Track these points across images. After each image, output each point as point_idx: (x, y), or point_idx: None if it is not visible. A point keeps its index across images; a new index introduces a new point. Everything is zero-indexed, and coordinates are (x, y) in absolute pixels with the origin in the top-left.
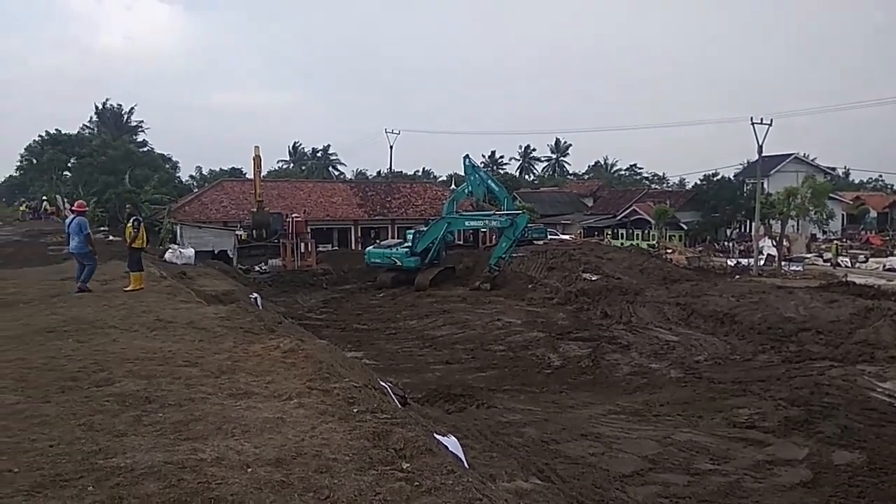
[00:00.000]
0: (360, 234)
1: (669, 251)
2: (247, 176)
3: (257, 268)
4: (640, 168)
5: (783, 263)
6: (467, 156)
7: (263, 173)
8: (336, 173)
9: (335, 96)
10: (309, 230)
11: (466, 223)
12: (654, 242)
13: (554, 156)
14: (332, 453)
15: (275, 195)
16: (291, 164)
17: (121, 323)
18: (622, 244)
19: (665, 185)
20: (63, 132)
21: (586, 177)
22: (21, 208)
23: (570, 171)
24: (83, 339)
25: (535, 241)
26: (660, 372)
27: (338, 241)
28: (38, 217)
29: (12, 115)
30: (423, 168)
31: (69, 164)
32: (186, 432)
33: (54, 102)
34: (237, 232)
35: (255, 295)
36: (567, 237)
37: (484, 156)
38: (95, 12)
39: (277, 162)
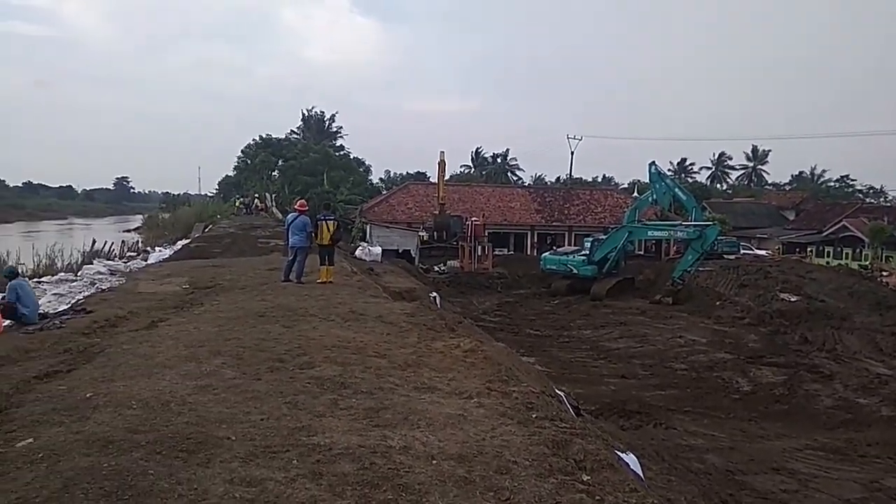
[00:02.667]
0: (536, 240)
1: (885, 273)
2: (431, 180)
3: (436, 268)
4: (852, 180)
5: None
6: (653, 162)
7: (446, 177)
8: (514, 178)
9: (518, 103)
10: (486, 234)
11: (649, 233)
12: (868, 263)
13: (750, 164)
14: (512, 456)
15: (456, 199)
16: (472, 169)
17: (319, 312)
18: (828, 263)
19: (883, 199)
20: (273, 136)
21: (788, 187)
22: (236, 204)
23: (769, 181)
24: (288, 325)
25: (725, 256)
26: (868, 408)
27: (514, 246)
28: (249, 212)
29: (235, 121)
30: (604, 174)
31: (277, 166)
32: (377, 419)
33: (269, 109)
34: (420, 233)
35: (435, 294)
36: (763, 252)
37: (672, 163)
38: (305, 27)
39: (460, 166)
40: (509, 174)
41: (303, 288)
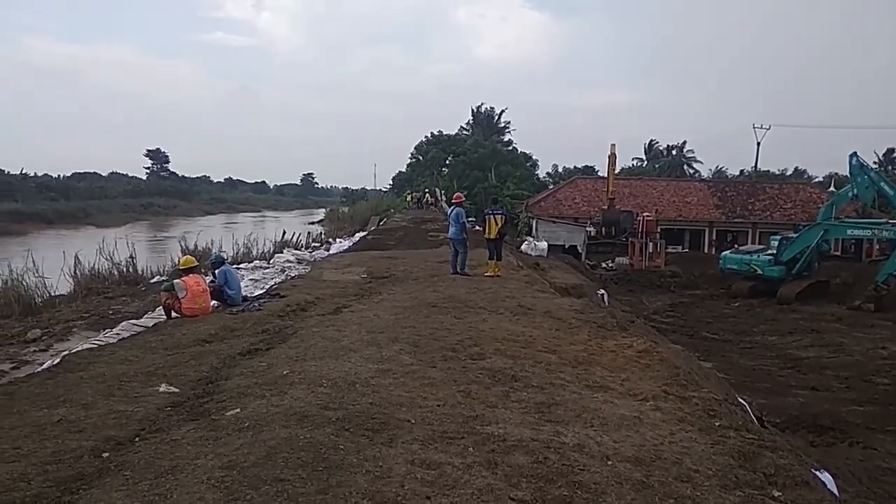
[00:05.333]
0: (715, 237)
1: None
2: (599, 174)
3: (604, 265)
4: None
5: None
6: (855, 153)
7: (617, 171)
8: (691, 171)
9: (696, 92)
10: (659, 230)
11: (849, 231)
12: None
13: None
14: (693, 464)
15: (626, 193)
16: (645, 163)
17: (488, 305)
18: None
19: None
20: (444, 133)
21: None
22: (407, 199)
23: None
24: (459, 316)
25: None
26: None
27: (689, 243)
28: (419, 207)
29: (408, 119)
30: (795, 167)
31: (447, 161)
32: (549, 414)
33: (440, 107)
34: (587, 228)
35: (602, 291)
36: None
37: (876, 154)
38: (478, 25)
39: (632, 160)
40: (685, 167)
41: (471, 280)
